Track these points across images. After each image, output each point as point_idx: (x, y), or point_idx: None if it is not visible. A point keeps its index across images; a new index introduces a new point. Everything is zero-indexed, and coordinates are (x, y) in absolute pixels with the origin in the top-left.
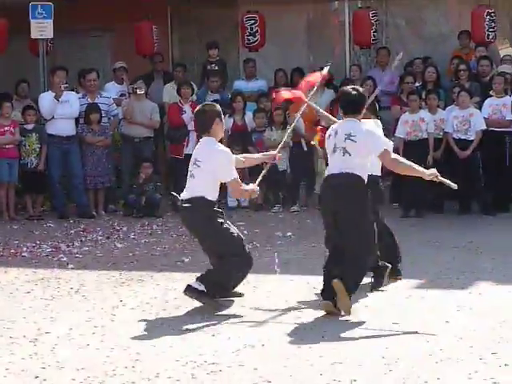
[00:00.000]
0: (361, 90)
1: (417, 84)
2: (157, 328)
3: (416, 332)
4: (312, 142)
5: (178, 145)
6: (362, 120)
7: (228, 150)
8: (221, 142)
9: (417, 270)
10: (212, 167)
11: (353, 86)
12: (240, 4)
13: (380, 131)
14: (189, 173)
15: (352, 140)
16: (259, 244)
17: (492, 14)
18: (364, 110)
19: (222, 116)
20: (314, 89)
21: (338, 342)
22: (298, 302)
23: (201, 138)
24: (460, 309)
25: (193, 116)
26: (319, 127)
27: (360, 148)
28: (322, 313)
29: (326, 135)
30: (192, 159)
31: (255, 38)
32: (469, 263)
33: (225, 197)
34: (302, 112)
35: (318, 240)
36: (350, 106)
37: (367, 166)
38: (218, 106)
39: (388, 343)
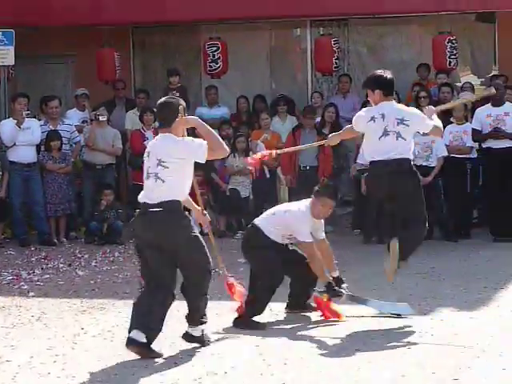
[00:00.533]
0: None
1: None
2: (118, 356)
3: (378, 358)
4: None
5: (140, 171)
6: None
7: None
8: None
9: (379, 295)
10: (182, 159)
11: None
12: (202, 31)
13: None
14: (150, 175)
15: (405, 124)
16: (221, 270)
17: (453, 42)
18: None
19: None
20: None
21: (300, 368)
22: (259, 339)
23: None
24: (422, 335)
25: None
26: None
27: (412, 131)
28: (284, 340)
29: (366, 118)
30: (152, 159)
31: (217, 65)
32: (431, 289)
33: None
34: (263, 139)
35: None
36: (389, 87)
37: None
38: (183, 102)
39: (350, 368)
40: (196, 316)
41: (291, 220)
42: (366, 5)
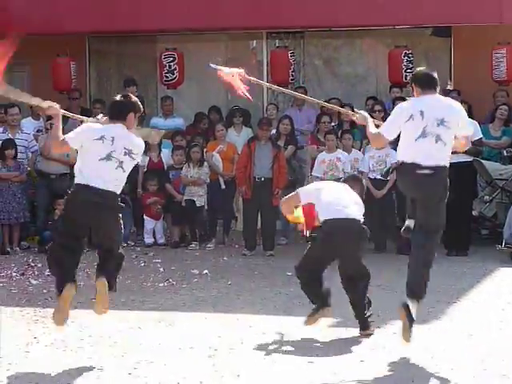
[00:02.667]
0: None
1: (333, 123)
2: (71, 366)
3: (331, 370)
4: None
5: None
6: None
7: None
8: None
9: (336, 307)
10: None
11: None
12: (159, 41)
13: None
14: (112, 161)
15: (446, 126)
16: (175, 281)
17: (409, 55)
18: None
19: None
20: None
21: (254, 381)
22: (212, 340)
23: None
24: (375, 347)
25: None
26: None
27: (452, 134)
28: (237, 352)
29: (406, 116)
30: (120, 147)
31: (173, 76)
32: (384, 303)
33: (141, 234)
34: (219, 150)
35: (234, 278)
36: (433, 82)
37: None
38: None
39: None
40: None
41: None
42: (322, 18)
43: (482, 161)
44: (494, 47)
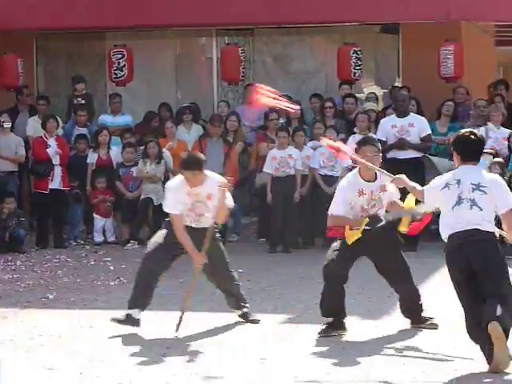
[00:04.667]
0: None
1: (281, 120)
2: (21, 366)
3: (280, 368)
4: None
5: (43, 179)
6: None
7: None
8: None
9: (283, 305)
10: None
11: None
12: (107, 38)
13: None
14: None
15: (482, 191)
16: (126, 280)
17: (358, 52)
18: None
19: None
20: None
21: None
22: (164, 339)
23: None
24: (328, 343)
25: (58, 150)
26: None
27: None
28: (191, 349)
29: (441, 186)
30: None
31: (122, 73)
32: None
33: (91, 232)
34: (168, 147)
35: (186, 276)
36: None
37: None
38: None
39: (251, 376)
40: None
41: None
42: (272, 15)
43: (431, 156)
44: (441, 44)
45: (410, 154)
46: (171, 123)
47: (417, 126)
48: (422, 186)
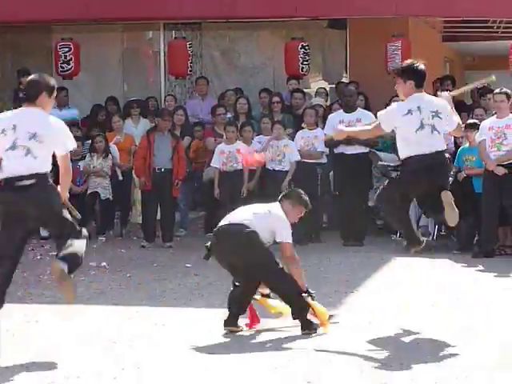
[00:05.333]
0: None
1: (229, 115)
2: None
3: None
4: None
5: None
6: None
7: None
8: None
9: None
10: (54, 140)
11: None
12: (54, 31)
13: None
14: (19, 148)
15: (439, 117)
16: (72, 274)
17: (306, 48)
18: None
19: (54, 95)
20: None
21: (154, 373)
22: (111, 334)
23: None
24: (273, 338)
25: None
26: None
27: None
28: (137, 345)
29: (403, 111)
30: (22, 131)
31: (69, 66)
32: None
33: None
34: (116, 141)
35: (133, 270)
36: (422, 79)
37: None
38: (54, 82)
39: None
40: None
41: (277, 220)
42: (219, 9)
43: (378, 152)
44: (388, 40)
45: (358, 149)
46: (118, 117)
47: (364, 121)
48: (370, 180)
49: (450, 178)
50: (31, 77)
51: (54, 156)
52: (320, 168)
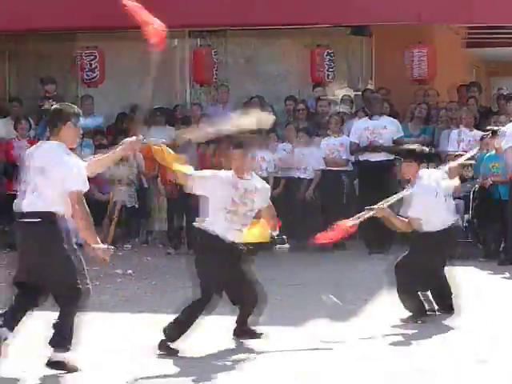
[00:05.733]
0: None
1: None
2: None
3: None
4: None
5: (15, 180)
6: None
7: (77, 158)
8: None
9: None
10: (61, 175)
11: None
12: (78, 39)
13: None
14: (26, 183)
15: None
16: (99, 282)
17: (331, 55)
18: None
19: (79, 122)
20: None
21: (182, 381)
22: (137, 341)
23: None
24: (296, 345)
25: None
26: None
27: None
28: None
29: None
30: (33, 167)
31: (94, 74)
32: (305, 299)
33: None
34: (141, 150)
35: (158, 277)
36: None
37: None
38: (77, 110)
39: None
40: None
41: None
42: (244, 16)
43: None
44: (413, 46)
45: (383, 156)
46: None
47: (389, 129)
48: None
49: (476, 186)
50: (54, 107)
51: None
52: (345, 175)
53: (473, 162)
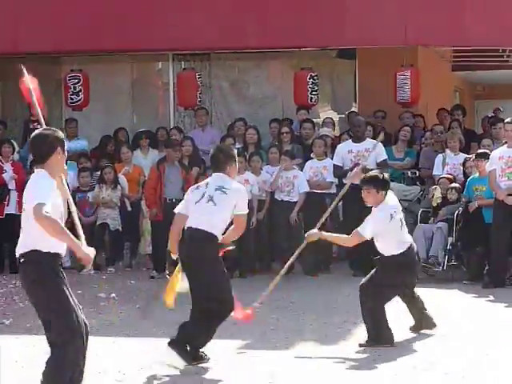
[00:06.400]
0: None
1: (238, 145)
2: None
3: None
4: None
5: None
6: None
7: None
8: None
9: (243, 330)
10: (29, 198)
11: None
12: (63, 62)
13: None
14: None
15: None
16: (82, 305)
17: (315, 78)
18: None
19: (65, 148)
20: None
21: None
22: (121, 363)
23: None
24: (284, 369)
25: (14, 175)
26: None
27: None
28: (147, 374)
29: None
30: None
31: (79, 97)
32: (292, 323)
33: None
34: (124, 172)
35: (141, 301)
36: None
37: None
38: (61, 134)
39: None
40: None
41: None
42: (228, 40)
43: None
44: (397, 69)
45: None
46: (127, 148)
47: (373, 151)
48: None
49: (460, 208)
50: (37, 132)
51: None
52: (329, 198)
53: (458, 185)
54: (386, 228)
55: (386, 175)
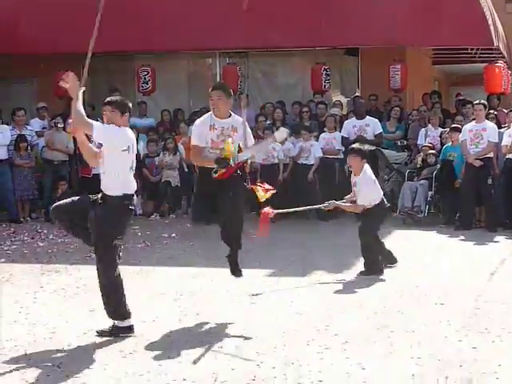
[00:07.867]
0: None
1: (268, 122)
2: (69, 308)
3: (269, 309)
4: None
5: (87, 166)
6: None
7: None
8: None
9: (266, 264)
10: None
11: None
12: (136, 58)
13: None
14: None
15: None
16: (150, 243)
17: (327, 70)
18: None
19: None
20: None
21: (211, 318)
22: (178, 288)
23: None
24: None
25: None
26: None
27: None
28: (198, 297)
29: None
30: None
31: (148, 86)
32: (308, 259)
33: None
34: (182, 142)
35: (195, 240)
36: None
37: None
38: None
39: (243, 324)
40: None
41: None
42: (262, 40)
43: (382, 149)
44: (390, 63)
45: (366, 147)
46: (184, 124)
47: (371, 126)
48: (375, 172)
49: (437, 169)
50: (123, 98)
51: None
52: (337, 162)
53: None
54: (373, 190)
55: (367, 147)
